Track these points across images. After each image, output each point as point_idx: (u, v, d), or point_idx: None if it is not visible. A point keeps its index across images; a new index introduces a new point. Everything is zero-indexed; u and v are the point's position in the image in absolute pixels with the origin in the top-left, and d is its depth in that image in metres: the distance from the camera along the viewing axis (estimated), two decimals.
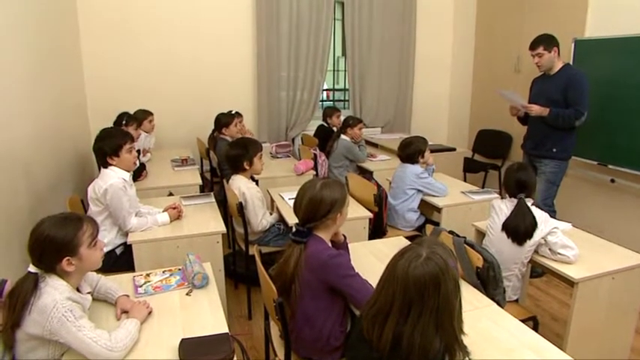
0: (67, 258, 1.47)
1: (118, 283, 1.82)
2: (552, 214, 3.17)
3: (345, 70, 5.55)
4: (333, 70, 5.68)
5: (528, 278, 2.98)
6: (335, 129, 4.60)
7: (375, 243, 2.44)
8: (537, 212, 2.22)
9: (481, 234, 2.57)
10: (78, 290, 1.57)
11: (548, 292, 3.27)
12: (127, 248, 2.43)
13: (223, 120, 4.10)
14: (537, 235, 2.18)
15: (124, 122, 3.63)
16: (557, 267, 2.12)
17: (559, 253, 2.15)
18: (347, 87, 5.55)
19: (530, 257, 2.25)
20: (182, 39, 4.63)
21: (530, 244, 2.20)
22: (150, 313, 1.68)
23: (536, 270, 3.21)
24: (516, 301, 2.35)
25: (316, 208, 1.73)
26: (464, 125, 5.83)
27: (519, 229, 2.20)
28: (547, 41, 3.29)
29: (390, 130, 5.60)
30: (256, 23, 4.79)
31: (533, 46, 3.33)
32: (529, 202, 2.26)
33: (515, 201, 2.27)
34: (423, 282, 1.15)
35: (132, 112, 3.95)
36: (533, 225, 2.17)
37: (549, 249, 2.18)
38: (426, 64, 5.59)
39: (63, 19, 3.86)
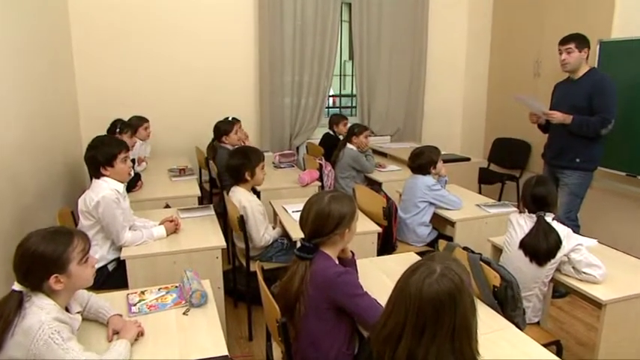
0: (56, 275, 1.45)
1: (110, 302, 1.81)
2: (576, 229, 3.14)
3: (352, 75, 5.57)
4: (340, 75, 5.71)
5: (550, 299, 2.95)
6: (342, 137, 4.60)
7: (385, 259, 2.43)
8: (559, 227, 2.20)
9: (498, 250, 2.55)
10: (67, 310, 1.56)
11: (573, 314, 3.23)
12: (120, 264, 2.42)
13: (223, 128, 4.11)
14: (560, 253, 2.16)
15: (117, 130, 3.65)
16: (583, 287, 2.09)
17: (584, 272, 2.12)
18: (354, 93, 5.57)
19: (551, 276, 2.23)
20: (180, 42, 4.67)
21: (552, 262, 2.18)
22: (141, 333, 1.67)
23: (559, 290, 3.17)
24: (537, 323, 2.32)
25: (323, 222, 1.73)
26: (479, 133, 5.82)
27: (539, 249, 2.17)
28: (580, 40, 3.28)
29: (400, 138, 5.60)
30: (258, 25, 4.83)
31: (565, 41, 3.31)
32: (549, 217, 2.24)
33: (534, 217, 2.25)
34: (439, 300, 1.14)
35: (126, 119, 3.97)
36: (557, 244, 2.15)
37: (573, 267, 2.16)
38: (438, 69, 5.61)
39: (53, 22, 3.89)
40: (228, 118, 4.27)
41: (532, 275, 2.23)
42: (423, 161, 3.20)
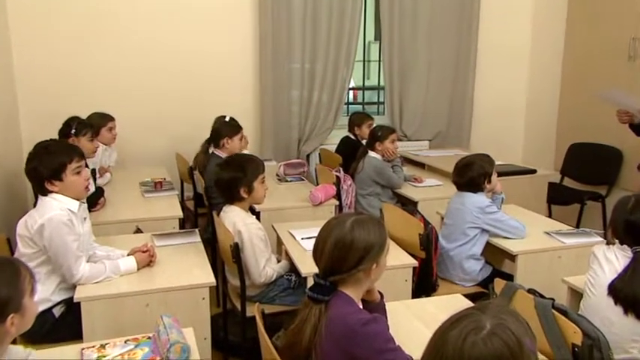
0: (12, 315, 1.45)
1: None
2: None
3: (379, 62, 5.61)
4: (363, 61, 5.75)
5: None
6: (364, 142, 4.62)
7: (422, 303, 2.44)
8: None
9: (577, 295, 2.51)
10: None
11: None
12: (71, 307, 2.41)
13: (225, 130, 4.08)
14: None
15: (73, 131, 3.67)
16: None
17: None
18: (382, 85, 5.59)
19: None
20: (155, 18, 4.73)
21: None
22: None
23: None
24: None
25: (344, 254, 1.73)
26: (548, 137, 5.81)
27: (639, 296, 2.13)
28: None
29: (442, 144, 5.63)
30: None
31: None
32: None
33: (630, 251, 2.21)
34: None
35: (85, 117, 4.00)
36: None
37: None
38: (493, 55, 5.62)
39: None
40: (224, 117, 4.27)
41: (629, 331, 2.17)
42: (474, 174, 3.19)
